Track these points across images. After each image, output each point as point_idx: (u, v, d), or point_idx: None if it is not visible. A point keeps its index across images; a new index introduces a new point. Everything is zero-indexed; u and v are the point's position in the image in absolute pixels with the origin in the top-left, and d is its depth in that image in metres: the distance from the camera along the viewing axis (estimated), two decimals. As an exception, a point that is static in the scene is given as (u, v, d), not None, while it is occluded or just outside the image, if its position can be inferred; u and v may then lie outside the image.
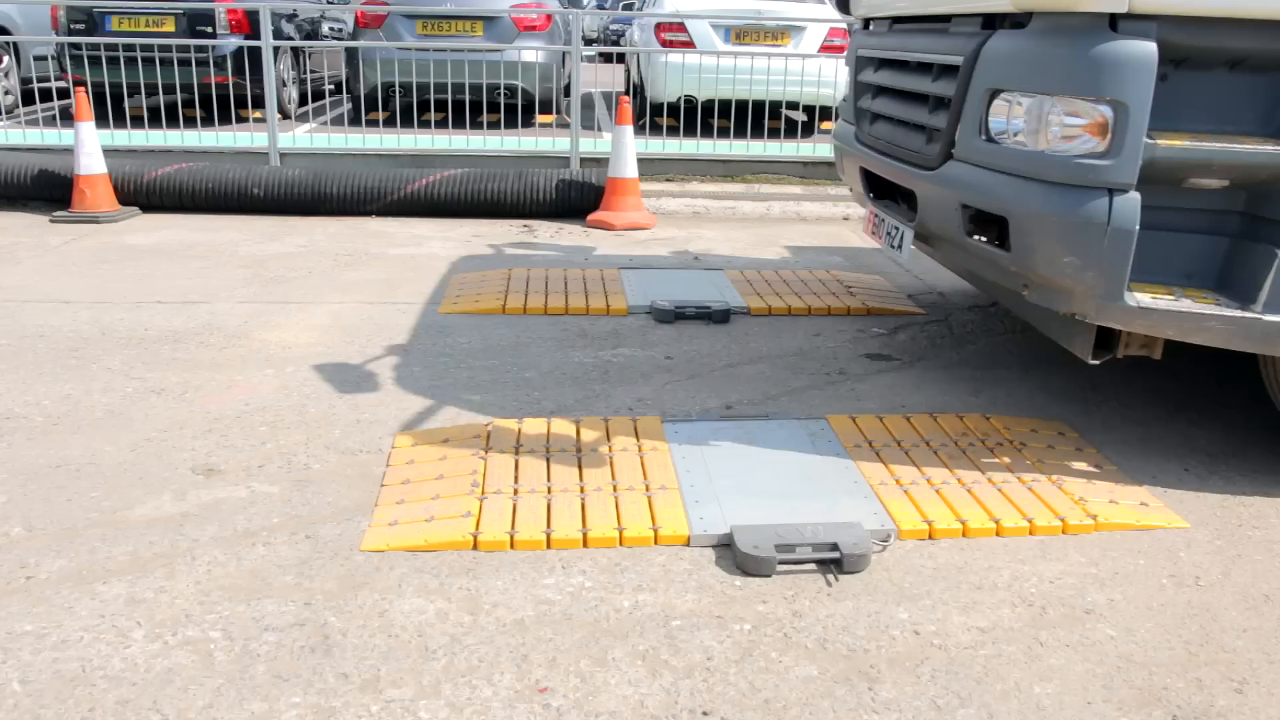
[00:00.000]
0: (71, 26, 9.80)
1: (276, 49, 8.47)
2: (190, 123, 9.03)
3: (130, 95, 8.70)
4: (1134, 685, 2.32)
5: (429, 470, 3.22)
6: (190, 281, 5.45)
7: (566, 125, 8.84)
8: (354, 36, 10.37)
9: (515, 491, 3.06)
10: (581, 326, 4.82)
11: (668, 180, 8.30)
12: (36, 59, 11.07)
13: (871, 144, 4.33)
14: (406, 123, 8.57)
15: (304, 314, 4.91)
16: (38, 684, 2.23)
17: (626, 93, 10.85)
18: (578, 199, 7.32)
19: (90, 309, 4.92)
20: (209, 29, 9.85)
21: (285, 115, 10.04)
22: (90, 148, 6.89)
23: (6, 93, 10.47)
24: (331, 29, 12.06)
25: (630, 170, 7.21)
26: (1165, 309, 3.05)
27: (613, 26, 23.50)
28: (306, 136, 8.96)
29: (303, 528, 2.91)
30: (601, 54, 12.90)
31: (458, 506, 2.96)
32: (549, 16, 10.20)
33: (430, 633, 2.44)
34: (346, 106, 11.05)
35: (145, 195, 7.14)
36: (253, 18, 9.64)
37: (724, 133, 9.39)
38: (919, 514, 2.98)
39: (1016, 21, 3.31)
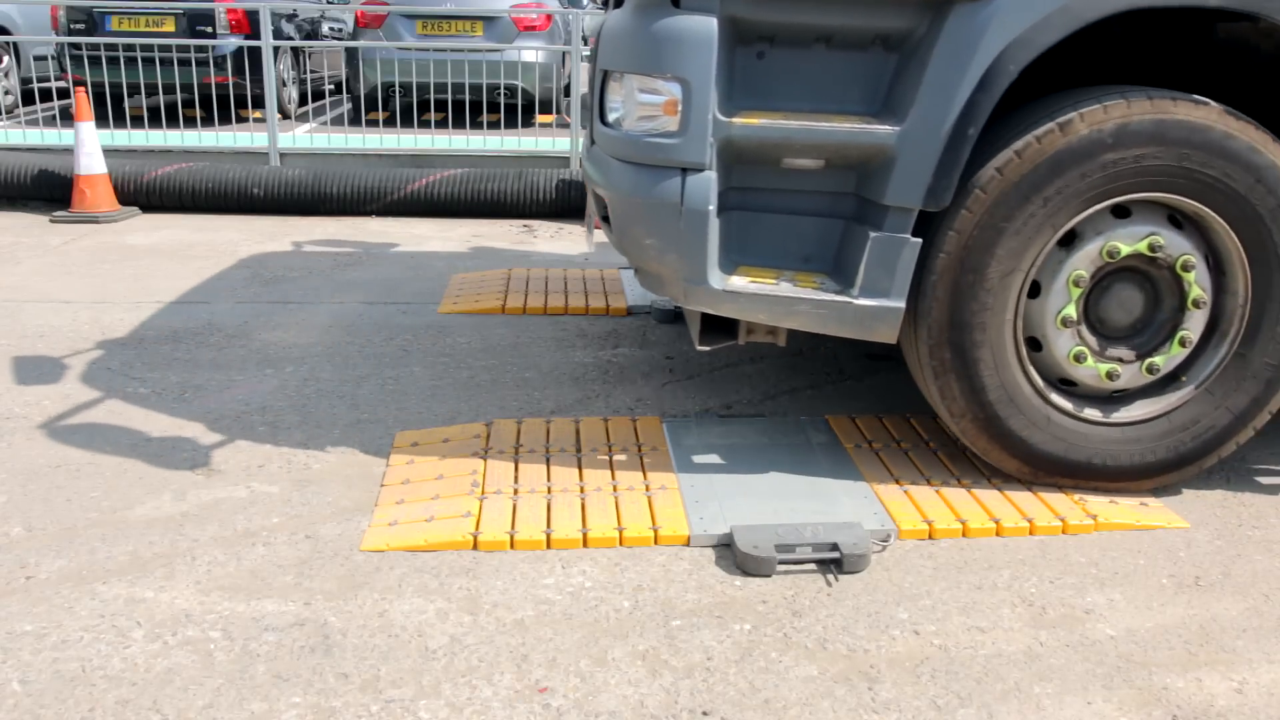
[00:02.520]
0: (71, 26, 9.79)
1: (276, 49, 8.47)
2: (190, 123, 9.04)
3: (130, 95, 8.69)
4: (1134, 685, 2.32)
5: (429, 470, 3.22)
6: (190, 281, 5.45)
7: (566, 125, 8.84)
8: (354, 36, 10.37)
9: (515, 491, 3.06)
10: (581, 326, 4.82)
11: (668, 180, 8.28)
12: (36, 59, 11.07)
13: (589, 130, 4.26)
14: (406, 123, 8.56)
15: (304, 314, 4.91)
16: (38, 684, 2.23)
17: (626, 93, 10.84)
18: (578, 199, 7.31)
19: (90, 309, 4.92)
20: (209, 29, 9.84)
21: (285, 115, 10.04)
22: (90, 148, 6.89)
23: (6, 93, 10.47)
24: (331, 29, 12.05)
25: (630, 170, 7.19)
26: (753, 293, 2.92)
27: (613, 26, 23.45)
28: (306, 136, 8.96)
29: (303, 528, 2.91)
30: (601, 54, 12.90)
31: (458, 506, 2.96)
32: (549, 16, 10.20)
33: (430, 633, 2.45)
34: (346, 106, 11.05)
35: (145, 195, 7.14)
36: (253, 18, 9.64)
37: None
38: (919, 514, 2.98)
39: None
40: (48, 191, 7.15)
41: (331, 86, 12.74)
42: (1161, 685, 2.32)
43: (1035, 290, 3.00)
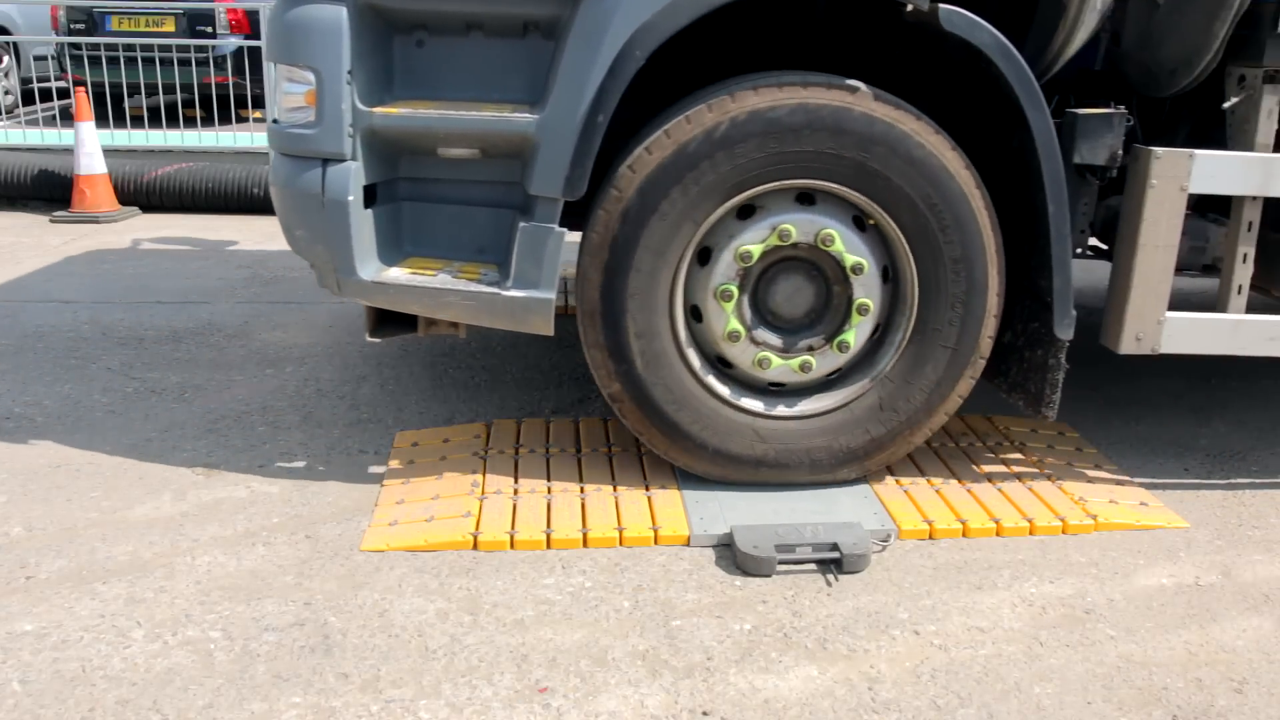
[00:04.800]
0: (71, 26, 9.78)
1: (276, 49, 8.46)
2: (190, 123, 9.03)
3: (130, 95, 8.68)
4: (1134, 685, 2.32)
5: (429, 470, 3.22)
6: (190, 281, 5.45)
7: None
8: (354, 36, 10.35)
9: (515, 491, 3.06)
10: (581, 326, 4.82)
11: (668, 180, 8.27)
12: (36, 59, 11.06)
13: None
14: (406, 123, 8.57)
15: (304, 314, 4.91)
16: (38, 684, 2.23)
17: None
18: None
19: (90, 309, 4.92)
20: (209, 29, 9.83)
21: (285, 115, 10.02)
22: (90, 148, 6.89)
23: (6, 93, 10.47)
24: (331, 29, 12.04)
25: (630, 170, 7.18)
26: (404, 284, 2.89)
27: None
28: (306, 136, 8.93)
29: (303, 528, 2.91)
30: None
31: (458, 506, 2.96)
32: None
33: (430, 633, 2.44)
34: (346, 106, 11.06)
35: (145, 195, 7.14)
36: (253, 18, 9.64)
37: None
38: (919, 514, 2.98)
39: None
40: (48, 191, 7.15)
41: (331, 86, 12.74)
42: (1161, 685, 2.32)
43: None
